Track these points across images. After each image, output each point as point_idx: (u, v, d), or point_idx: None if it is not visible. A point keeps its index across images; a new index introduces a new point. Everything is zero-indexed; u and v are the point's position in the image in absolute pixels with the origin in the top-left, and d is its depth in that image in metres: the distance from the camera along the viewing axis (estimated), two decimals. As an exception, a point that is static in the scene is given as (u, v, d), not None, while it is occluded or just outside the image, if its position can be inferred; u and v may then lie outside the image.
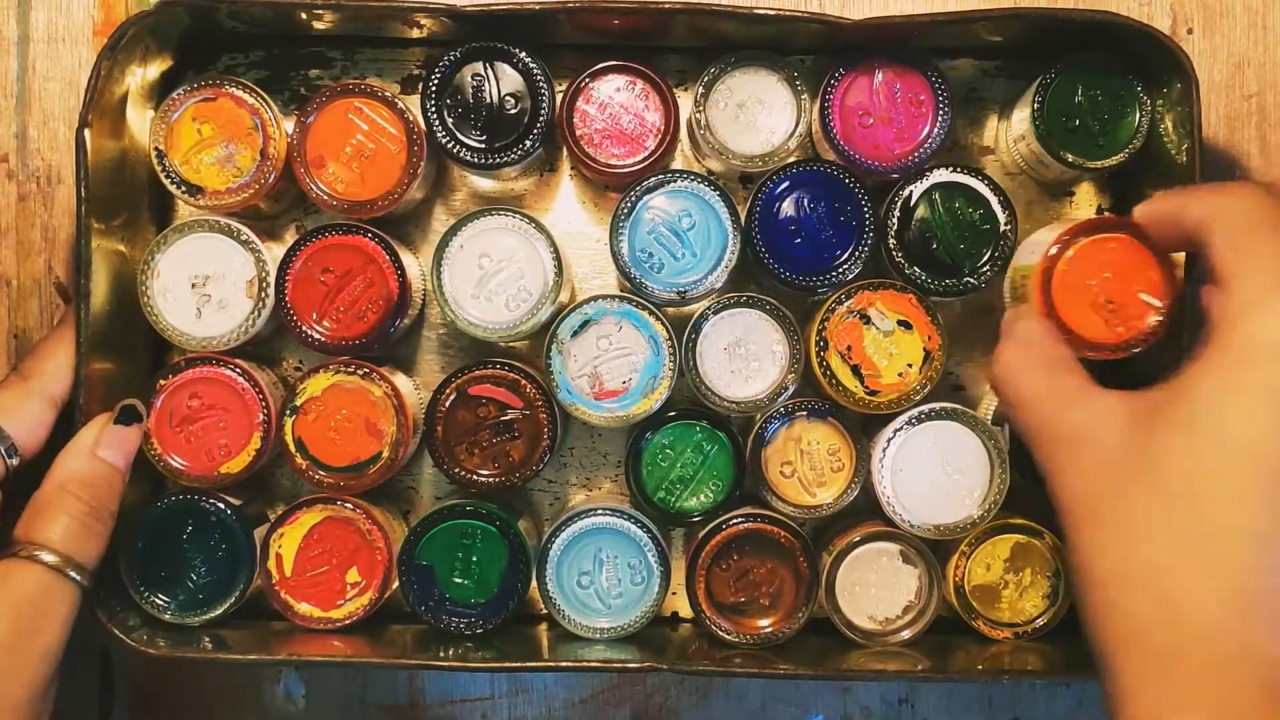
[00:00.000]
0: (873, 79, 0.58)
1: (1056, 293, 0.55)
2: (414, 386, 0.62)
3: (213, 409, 0.59)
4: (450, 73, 0.58)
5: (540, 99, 0.58)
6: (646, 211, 0.58)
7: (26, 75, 0.64)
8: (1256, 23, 0.64)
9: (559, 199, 0.64)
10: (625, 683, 0.65)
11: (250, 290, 0.58)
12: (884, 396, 0.59)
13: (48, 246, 0.64)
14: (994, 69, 0.63)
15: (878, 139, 0.58)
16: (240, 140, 0.58)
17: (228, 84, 0.58)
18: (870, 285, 0.58)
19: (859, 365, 0.59)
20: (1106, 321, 0.54)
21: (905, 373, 0.59)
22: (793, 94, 0.59)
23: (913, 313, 0.58)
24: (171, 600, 0.59)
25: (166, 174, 0.58)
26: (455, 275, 0.58)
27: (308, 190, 0.58)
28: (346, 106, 0.58)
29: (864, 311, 0.59)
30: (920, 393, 0.59)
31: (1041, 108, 0.58)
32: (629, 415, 0.58)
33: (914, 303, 0.58)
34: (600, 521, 0.59)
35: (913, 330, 0.59)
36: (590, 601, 0.60)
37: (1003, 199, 0.58)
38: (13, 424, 0.55)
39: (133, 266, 0.59)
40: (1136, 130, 0.59)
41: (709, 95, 0.58)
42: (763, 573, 0.60)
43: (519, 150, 0.58)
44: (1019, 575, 0.60)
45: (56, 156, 0.64)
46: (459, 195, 0.63)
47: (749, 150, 0.59)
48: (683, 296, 0.57)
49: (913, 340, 0.59)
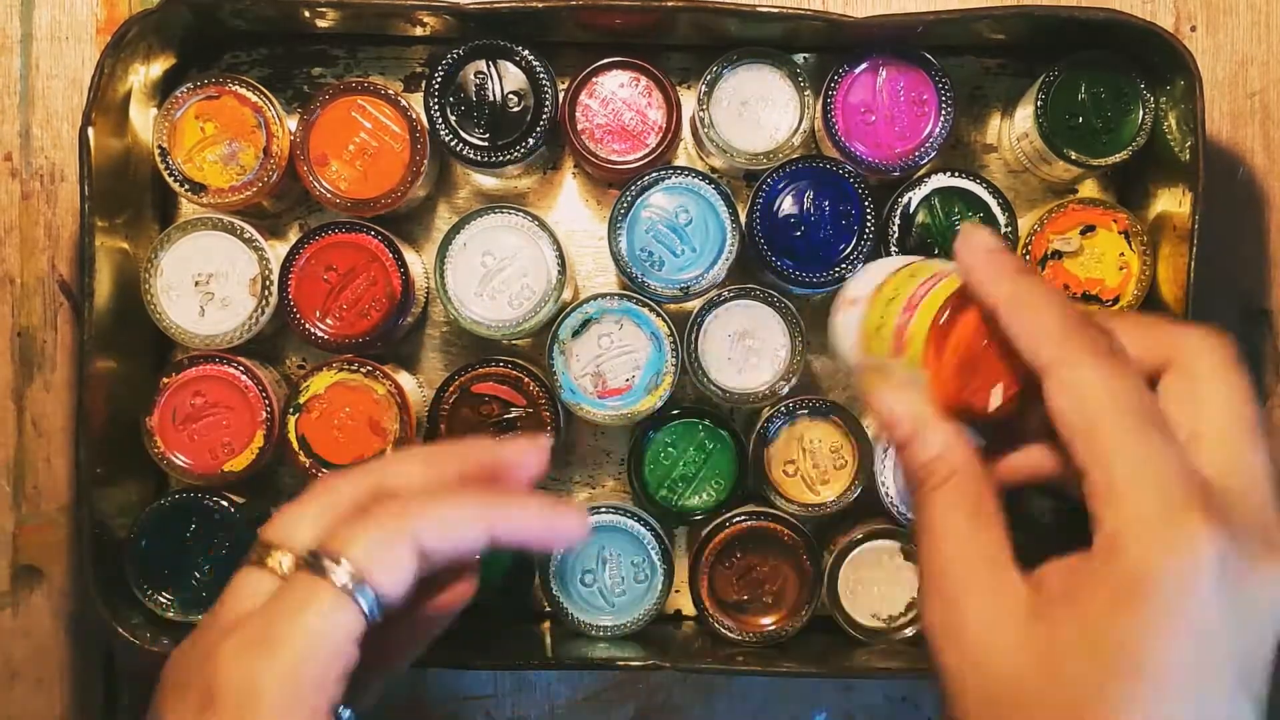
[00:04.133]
0: (876, 76, 0.58)
1: (949, 358, 0.46)
2: (417, 384, 0.62)
3: (216, 407, 0.59)
4: (453, 71, 0.58)
5: (543, 97, 0.58)
6: (644, 210, 0.58)
7: (30, 73, 0.64)
8: (1260, 20, 0.63)
9: (562, 197, 0.64)
10: (628, 681, 0.65)
11: (253, 288, 0.58)
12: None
13: (51, 245, 0.64)
14: (997, 67, 0.63)
15: (880, 137, 0.58)
16: (243, 138, 0.58)
17: (231, 82, 0.58)
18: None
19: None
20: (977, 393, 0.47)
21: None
22: (796, 91, 0.59)
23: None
24: (175, 598, 0.59)
25: (170, 172, 0.58)
26: (458, 273, 0.58)
27: (311, 188, 0.58)
28: (350, 104, 0.58)
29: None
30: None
31: (1045, 105, 0.58)
32: (633, 413, 0.58)
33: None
34: (603, 520, 0.59)
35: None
36: (594, 599, 0.60)
37: (1002, 201, 0.58)
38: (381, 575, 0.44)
39: (136, 264, 0.59)
40: (1140, 128, 0.59)
41: (712, 93, 0.58)
42: (765, 571, 0.60)
43: (522, 148, 0.58)
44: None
45: (60, 155, 0.64)
46: (462, 193, 0.63)
47: (752, 148, 0.59)
48: (685, 293, 0.57)
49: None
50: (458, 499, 0.46)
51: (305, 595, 0.43)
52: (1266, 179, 0.64)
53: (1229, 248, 0.64)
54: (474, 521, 0.45)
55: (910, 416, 0.47)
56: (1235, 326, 0.64)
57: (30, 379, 0.64)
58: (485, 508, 0.46)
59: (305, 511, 0.47)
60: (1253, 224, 0.64)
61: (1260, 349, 0.64)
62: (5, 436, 0.64)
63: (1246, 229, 0.64)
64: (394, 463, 0.49)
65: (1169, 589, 0.41)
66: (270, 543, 0.46)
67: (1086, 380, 0.43)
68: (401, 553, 0.43)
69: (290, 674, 0.42)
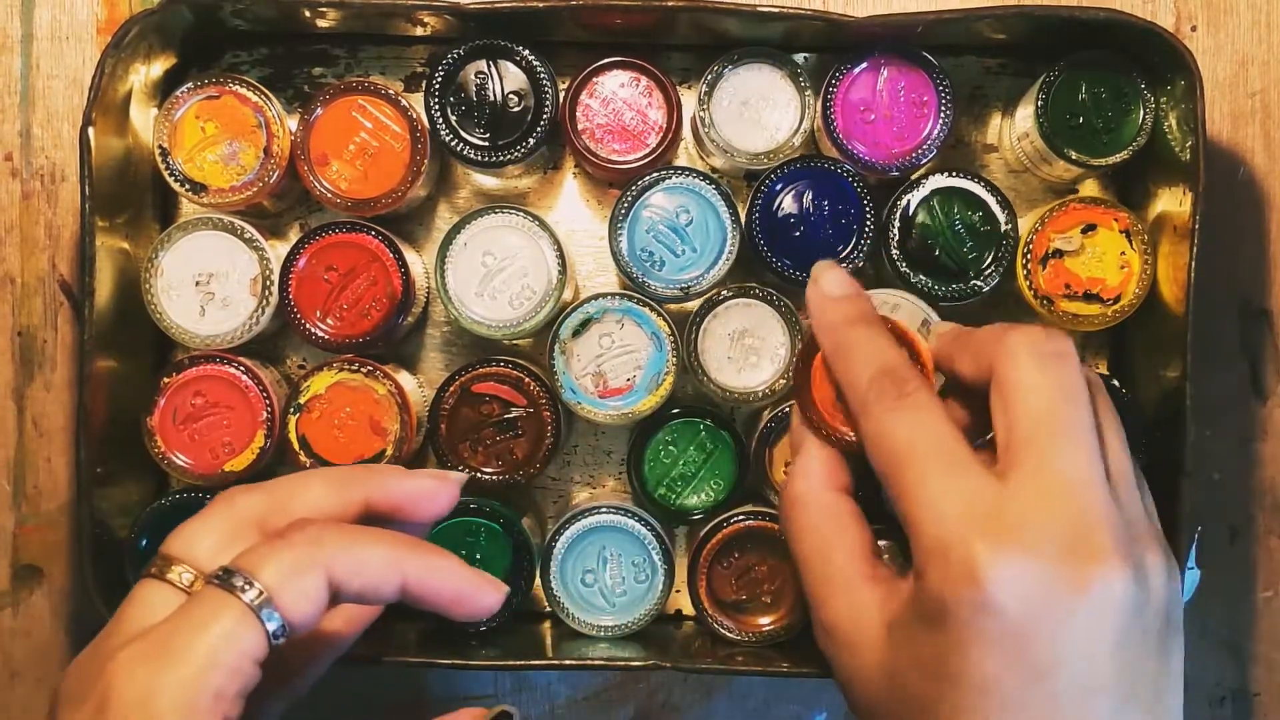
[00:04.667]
0: (876, 76, 0.58)
1: (819, 393, 0.52)
2: (417, 384, 0.62)
3: (216, 407, 0.59)
4: (454, 70, 0.58)
5: (544, 96, 0.58)
6: (645, 210, 0.58)
7: (30, 73, 0.64)
8: (1260, 20, 0.63)
9: (562, 197, 0.64)
10: (629, 680, 0.65)
11: (254, 288, 0.58)
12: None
13: (52, 245, 0.64)
14: (998, 66, 0.63)
15: (880, 137, 0.58)
16: (244, 138, 0.58)
17: (231, 82, 0.58)
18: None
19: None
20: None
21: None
22: (796, 90, 0.59)
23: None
24: (175, 598, 0.59)
25: (170, 172, 0.58)
26: (459, 273, 0.58)
27: (311, 188, 0.58)
28: (350, 104, 0.58)
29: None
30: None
31: (1045, 105, 0.58)
32: (634, 412, 0.58)
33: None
34: (604, 519, 0.59)
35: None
36: (594, 599, 0.60)
37: (1001, 199, 0.58)
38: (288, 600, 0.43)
39: (136, 264, 0.59)
40: (1140, 128, 0.59)
41: (713, 93, 0.58)
42: (764, 570, 0.60)
43: (522, 148, 0.58)
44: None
45: (60, 155, 0.64)
46: (462, 193, 0.63)
47: (753, 147, 0.59)
48: (685, 293, 0.58)
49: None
50: (375, 540, 0.45)
51: (211, 610, 0.42)
52: (1267, 179, 0.64)
53: (1229, 248, 0.64)
54: (388, 566, 0.44)
55: (795, 442, 0.53)
56: (1235, 326, 0.64)
57: (31, 379, 0.64)
58: (402, 556, 0.45)
59: (206, 526, 0.46)
60: (1253, 224, 0.64)
61: (1260, 349, 0.64)
62: (5, 436, 0.64)
63: (1247, 229, 0.64)
64: (297, 483, 0.48)
65: (964, 612, 0.44)
66: (172, 556, 0.46)
67: (884, 430, 0.48)
68: (314, 582, 0.43)
69: (188, 686, 0.41)
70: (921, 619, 0.45)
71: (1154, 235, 0.59)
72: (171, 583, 0.45)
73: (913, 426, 0.47)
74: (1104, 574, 0.44)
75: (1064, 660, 0.43)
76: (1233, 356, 0.64)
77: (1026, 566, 0.43)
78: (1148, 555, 0.45)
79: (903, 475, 0.46)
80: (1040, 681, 0.44)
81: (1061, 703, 0.44)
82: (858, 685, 0.48)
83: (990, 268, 0.58)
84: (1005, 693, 0.44)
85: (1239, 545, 0.65)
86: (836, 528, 0.50)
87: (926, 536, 0.45)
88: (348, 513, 0.47)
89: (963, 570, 0.44)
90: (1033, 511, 0.44)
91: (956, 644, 0.44)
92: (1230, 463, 0.65)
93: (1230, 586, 0.65)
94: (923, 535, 0.45)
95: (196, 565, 0.45)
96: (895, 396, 0.48)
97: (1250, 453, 0.65)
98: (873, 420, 0.48)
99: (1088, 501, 0.45)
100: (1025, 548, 0.44)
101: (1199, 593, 0.64)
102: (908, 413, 0.47)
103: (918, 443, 0.46)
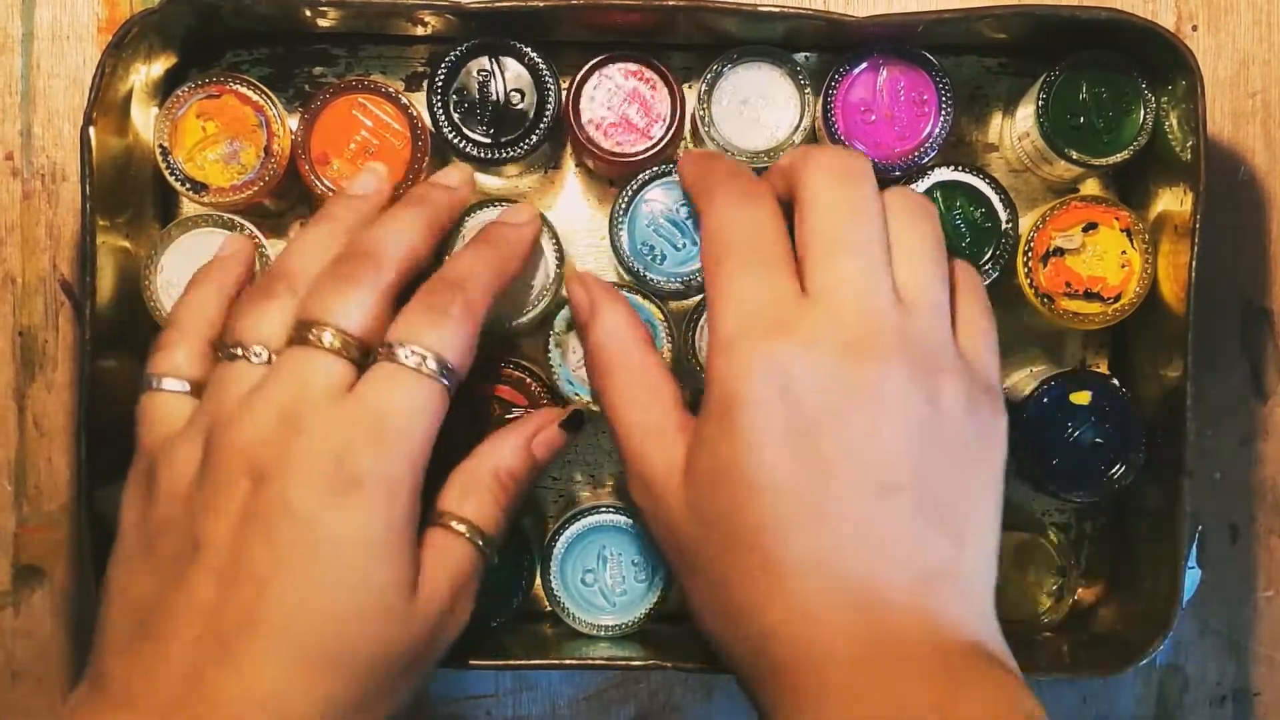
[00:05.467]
0: (877, 76, 0.58)
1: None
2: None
3: (217, 406, 0.59)
4: (455, 69, 0.58)
5: (546, 94, 0.58)
6: (644, 205, 0.58)
7: (31, 73, 0.64)
8: (1261, 20, 0.64)
9: (563, 195, 0.64)
10: (629, 680, 0.65)
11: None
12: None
13: (52, 244, 0.64)
14: (998, 66, 0.63)
15: (880, 136, 0.58)
16: (244, 137, 0.58)
17: (232, 81, 0.58)
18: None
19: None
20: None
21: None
22: (796, 89, 0.59)
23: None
24: (176, 597, 0.59)
25: (171, 171, 0.58)
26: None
27: (312, 187, 0.58)
28: (351, 103, 0.58)
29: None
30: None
31: (1045, 105, 0.58)
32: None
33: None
34: (604, 519, 0.59)
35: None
36: (594, 599, 0.60)
37: (1004, 197, 0.58)
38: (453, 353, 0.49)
39: (137, 263, 0.59)
40: (1141, 128, 0.59)
41: (713, 91, 0.58)
42: (767, 570, 0.60)
43: (524, 146, 0.58)
44: (1024, 572, 0.60)
45: (61, 154, 0.64)
46: (463, 192, 0.63)
47: (753, 146, 0.59)
48: (686, 286, 0.57)
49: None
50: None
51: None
52: (1268, 179, 0.64)
53: (1230, 247, 0.64)
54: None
55: (587, 301, 0.54)
56: (1236, 326, 0.64)
57: (31, 378, 0.64)
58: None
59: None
60: (1253, 224, 0.64)
61: (1261, 348, 0.64)
62: (6, 436, 0.64)
63: (1247, 229, 0.64)
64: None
65: (749, 410, 0.45)
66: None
67: (714, 222, 0.50)
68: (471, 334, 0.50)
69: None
70: (713, 422, 0.46)
71: (1155, 235, 0.59)
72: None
73: (746, 222, 0.49)
74: (881, 372, 0.45)
75: (853, 454, 0.45)
76: (1233, 356, 0.64)
77: (807, 362, 0.45)
78: (943, 379, 0.46)
79: (720, 269, 0.48)
80: (831, 478, 0.45)
81: (857, 499, 0.45)
82: (671, 531, 0.49)
83: (989, 264, 0.58)
84: (799, 492, 0.45)
85: (1240, 545, 0.65)
86: (653, 384, 0.51)
87: (722, 330, 0.47)
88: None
89: (745, 363, 0.45)
90: (816, 314, 0.46)
91: (746, 445, 0.45)
92: (1231, 462, 0.65)
93: (1231, 586, 0.65)
94: (719, 330, 0.47)
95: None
96: (740, 194, 0.50)
97: (1251, 452, 0.65)
98: (715, 211, 0.50)
99: (866, 307, 0.46)
100: (806, 345, 0.45)
101: (1199, 593, 0.64)
102: (747, 208, 0.49)
103: (745, 239, 0.49)
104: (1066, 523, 0.64)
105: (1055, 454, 0.59)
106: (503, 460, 0.52)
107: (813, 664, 0.44)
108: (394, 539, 0.46)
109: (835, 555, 0.44)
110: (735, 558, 0.46)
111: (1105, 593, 0.64)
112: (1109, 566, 0.64)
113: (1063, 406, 0.59)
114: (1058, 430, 0.59)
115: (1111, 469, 0.59)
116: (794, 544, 0.45)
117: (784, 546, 0.45)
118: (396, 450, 0.47)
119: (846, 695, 0.44)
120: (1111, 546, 0.64)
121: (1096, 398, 0.59)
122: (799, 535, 0.45)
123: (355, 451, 0.46)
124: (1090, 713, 0.65)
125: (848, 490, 0.45)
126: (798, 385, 0.45)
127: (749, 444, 0.45)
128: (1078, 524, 0.65)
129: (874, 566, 0.44)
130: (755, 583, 0.46)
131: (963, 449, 0.47)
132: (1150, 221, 0.59)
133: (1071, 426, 0.59)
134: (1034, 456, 0.59)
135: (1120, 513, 0.64)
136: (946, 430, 0.46)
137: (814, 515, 0.45)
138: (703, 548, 0.47)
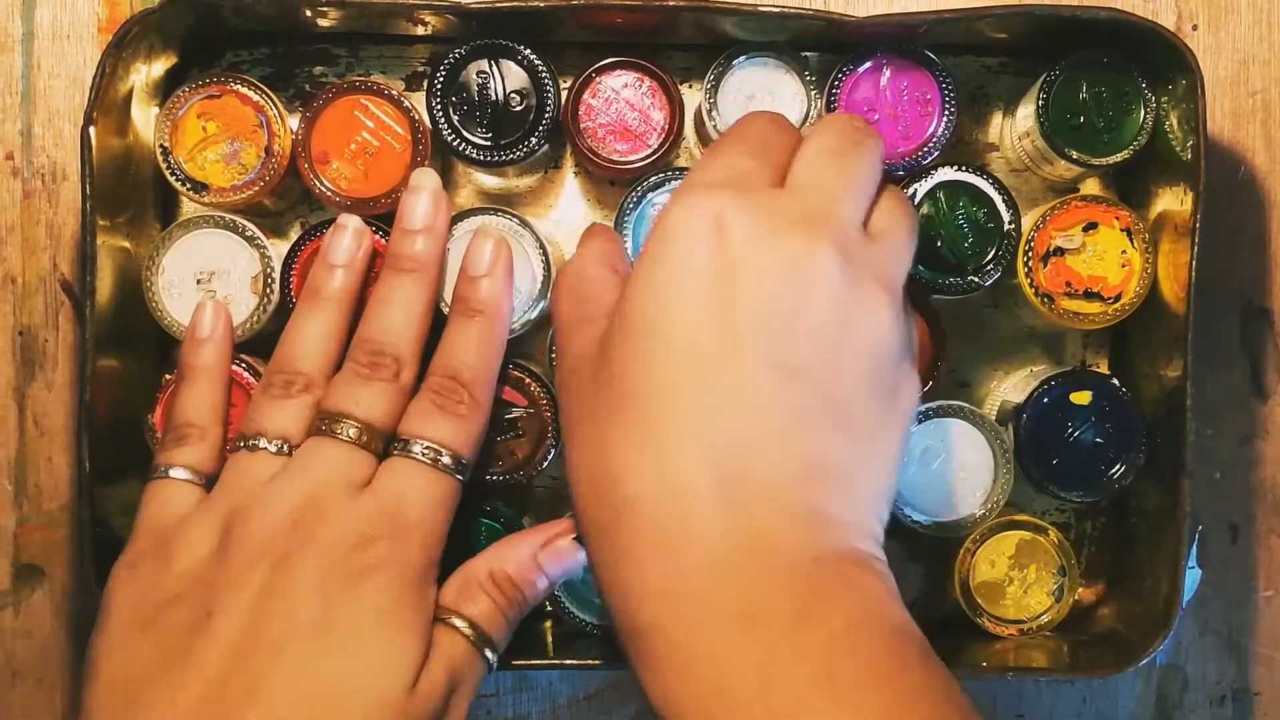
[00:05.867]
0: (880, 76, 0.58)
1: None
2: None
3: (217, 406, 0.59)
4: (455, 70, 0.58)
5: (545, 96, 0.58)
6: (650, 209, 0.58)
7: (31, 72, 0.64)
8: (1261, 19, 0.64)
9: (563, 196, 0.64)
10: (629, 680, 0.65)
11: (255, 286, 0.58)
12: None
13: (53, 244, 0.64)
14: (998, 66, 0.63)
15: (884, 136, 0.58)
16: (245, 137, 0.58)
17: (232, 81, 0.58)
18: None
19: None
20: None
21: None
22: (802, 86, 0.59)
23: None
24: (176, 597, 0.59)
25: (171, 171, 0.58)
26: (451, 273, 0.58)
27: (312, 187, 0.58)
28: (351, 104, 0.58)
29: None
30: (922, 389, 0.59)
31: (1046, 105, 0.58)
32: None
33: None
34: (605, 518, 0.59)
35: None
36: (594, 598, 0.60)
37: (1006, 197, 0.58)
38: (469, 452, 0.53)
39: (137, 263, 0.59)
40: (1141, 127, 0.59)
41: (719, 87, 0.58)
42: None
43: (524, 147, 0.58)
44: (1024, 572, 0.60)
45: (61, 154, 0.64)
46: (463, 192, 0.63)
47: (754, 146, 0.59)
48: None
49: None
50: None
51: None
52: (1268, 179, 0.64)
53: (1230, 247, 0.64)
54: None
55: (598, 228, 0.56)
56: (1236, 325, 0.64)
57: (32, 378, 0.64)
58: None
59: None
60: (1254, 223, 0.64)
61: (1261, 348, 0.64)
62: (7, 435, 0.64)
63: (1247, 228, 0.64)
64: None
65: (679, 233, 0.45)
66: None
67: (736, 124, 0.52)
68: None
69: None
70: (644, 260, 0.46)
71: (1155, 234, 0.59)
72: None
73: (762, 127, 0.50)
74: (816, 252, 0.44)
75: (764, 324, 0.44)
76: (1233, 355, 0.64)
77: (749, 214, 0.44)
78: (875, 292, 0.46)
79: (712, 148, 0.50)
80: (737, 343, 0.43)
81: (758, 375, 0.43)
82: (574, 375, 0.49)
83: (990, 264, 0.58)
84: (700, 352, 0.44)
85: (1240, 544, 0.65)
86: (601, 290, 0.51)
87: (683, 185, 0.47)
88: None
89: (690, 202, 0.45)
90: (778, 193, 0.46)
91: (665, 282, 0.45)
92: (1231, 462, 0.65)
93: (1231, 586, 0.65)
94: (680, 186, 0.48)
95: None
96: (771, 115, 0.52)
97: (1251, 452, 0.65)
98: (742, 119, 0.51)
99: (830, 210, 0.46)
100: (754, 205, 0.45)
101: (1199, 593, 0.64)
102: (770, 124, 0.51)
103: (751, 134, 0.49)
104: (1066, 523, 0.64)
105: (1055, 454, 0.59)
106: (505, 564, 0.52)
107: (671, 544, 0.42)
108: (405, 623, 0.48)
109: (719, 428, 0.42)
110: (619, 414, 0.44)
111: (1105, 593, 0.64)
112: (1109, 566, 0.64)
113: (1063, 406, 0.59)
114: (1058, 430, 0.59)
115: (1111, 469, 0.59)
116: (679, 406, 0.43)
117: (668, 408, 0.43)
118: (412, 540, 0.49)
119: (702, 584, 0.42)
120: (1111, 546, 0.64)
121: (1096, 398, 0.59)
122: (686, 397, 0.43)
123: (375, 540, 0.48)
124: (1090, 713, 0.65)
125: (748, 364, 0.43)
126: (731, 229, 0.44)
127: (667, 281, 0.44)
128: (1078, 524, 0.65)
129: (758, 449, 0.42)
130: (629, 445, 0.44)
131: (875, 354, 0.45)
132: (1150, 221, 0.59)
133: (1071, 426, 0.59)
134: (1034, 456, 0.59)
135: (1120, 513, 0.64)
136: (862, 335, 0.45)
137: (709, 381, 0.43)
138: (596, 404, 0.46)
